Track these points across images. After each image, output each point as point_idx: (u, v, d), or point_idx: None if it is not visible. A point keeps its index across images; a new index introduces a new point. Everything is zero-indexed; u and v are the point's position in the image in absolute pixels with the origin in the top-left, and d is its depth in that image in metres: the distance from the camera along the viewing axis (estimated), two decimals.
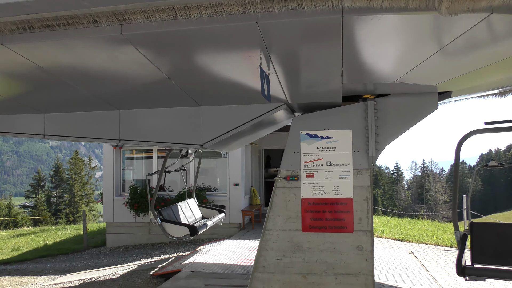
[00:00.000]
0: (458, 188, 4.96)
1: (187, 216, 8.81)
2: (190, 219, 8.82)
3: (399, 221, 15.65)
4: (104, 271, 9.43)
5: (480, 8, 2.65)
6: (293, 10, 2.86)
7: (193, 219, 9.01)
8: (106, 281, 8.21)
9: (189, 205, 9.27)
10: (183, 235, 7.73)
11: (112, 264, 10.44)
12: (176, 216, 8.38)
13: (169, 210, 8.28)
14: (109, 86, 4.81)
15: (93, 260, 11.55)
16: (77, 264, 11.24)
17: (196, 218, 9.21)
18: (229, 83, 4.54)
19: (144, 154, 14.01)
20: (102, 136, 5.92)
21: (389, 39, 3.42)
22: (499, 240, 4.66)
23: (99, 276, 8.76)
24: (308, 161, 5.27)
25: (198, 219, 9.33)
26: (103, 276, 8.70)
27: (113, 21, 3.12)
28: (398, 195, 79.19)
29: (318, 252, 5.19)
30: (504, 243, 4.62)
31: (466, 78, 4.48)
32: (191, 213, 9.13)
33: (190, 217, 8.91)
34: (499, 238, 4.67)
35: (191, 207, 9.33)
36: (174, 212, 8.40)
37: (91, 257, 12.29)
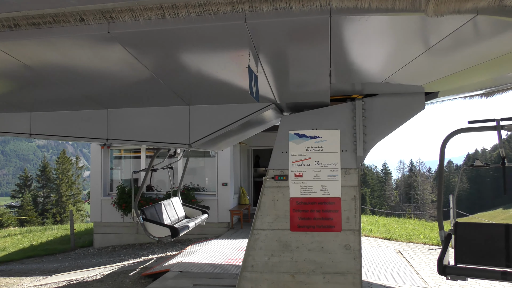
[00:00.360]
0: (443, 188, 5.02)
1: (170, 215, 8.73)
2: (172, 218, 8.73)
3: (387, 220, 15.77)
4: (91, 271, 9.35)
5: (466, 10, 2.67)
6: (282, 10, 2.86)
7: (176, 218, 8.93)
8: (93, 281, 8.14)
9: (173, 204, 9.19)
10: (164, 236, 7.65)
11: (99, 264, 10.35)
12: (159, 214, 8.28)
13: (152, 209, 8.18)
14: (96, 85, 4.77)
15: (80, 261, 11.44)
16: (64, 264, 11.13)
17: (179, 217, 9.13)
18: (217, 83, 4.54)
19: (132, 154, 13.92)
20: (89, 136, 5.87)
21: (377, 39, 3.44)
22: (482, 240, 4.69)
23: (86, 276, 8.68)
24: (297, 160, 5.29)
25: (181, 218, 9.25)
26: (91, 276, 8.63)
27: (100, 19, 3.09)
28: (386, 195, 79.78)
29: (306, 252, 5.21)
30: (487, 243, 4.65)
31: (452, 79, 4.53)
32: (174, 212, 9.04)
33: (173, 216, 8.82)
34: (482, 238, 4.70)
35: (175, 205, 9.25)
36: (157, 211, 8.31)
37: (78, 257, 12.18)
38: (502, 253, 4.56)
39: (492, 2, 2.63)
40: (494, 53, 3.69)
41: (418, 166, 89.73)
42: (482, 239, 4.70)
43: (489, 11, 2.73)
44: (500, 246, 4.57)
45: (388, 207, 69.58)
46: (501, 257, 4.55)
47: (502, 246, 4.57)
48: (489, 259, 4.60)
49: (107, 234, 13.20)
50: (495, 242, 4.62)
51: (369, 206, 59.58)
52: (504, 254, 4.56)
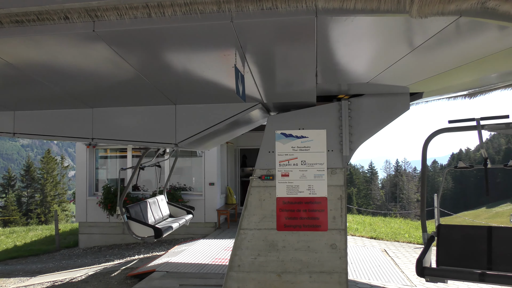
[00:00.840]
0: (426, 189, 5.05)
1: (155, 213, 8.65)
2: (157, 216, 8.66)
3: (373, 219, 15.90)
4: (76, 272, 9.25)
5: (449, 11, 2.72)
6: (268, 10, 2.87)
7: (160, 216, 8.85)
8: (78, 282, 8.06)
9: (158, 202, 9.11)
10: (147, 236, 7.57)
11: (84, 265, 10.25)
12: (144, 213, 8.19)
13: (137, 207, 8.10)
14: (81, 84, 4.71)
15: (65, 261, 11.31)
16: (48, 265, 10.99)
17: (163, 216, 9.06)
18: (204, 82, 4.53)
19: (119, 153, 13.81)
20: (74, 135, 5.80)
21: (362, 40, 3.47)
22: (465, 242, 4.71)
23: (71, 277, 8.59)
24: (283, 160, 5.30)
25: (166, 217, 9.17)
26: (76, 277, 8.54)
27: (85, 17, 3.06)
28: (372, 194, 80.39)
29: (293, 251, 5.23)
30: (469, 246, 4.67)
31: (436, 80, 4.59)
32: (159, 210, 8.96)
33: (157, 214, 8.74)
34: (465, 240, 4.71)
35: (160, 204, 9.18)
36: (142, 209, 8.22)
37: (63, 258, 12.04)
38: (483, 255, 4.56)
39: (474, 4, 2.68)
40: (477, 54, 3.75)
41: (404, 165, 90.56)
42: (464, 241, 4.71)
43: (472, 13, 2.78)
44: (482, 249, 4.58)
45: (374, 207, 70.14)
46: (482, 260, 4.55)
47: (484, 248, 4.58)
48: (471, 261, 4.60)
49: (93, 235, 13.07)
50: (477, 245, 4.62)
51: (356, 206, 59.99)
52: (485, 257, 4.56)
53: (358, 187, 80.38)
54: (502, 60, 4.01)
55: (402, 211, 49.33)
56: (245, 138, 13.98)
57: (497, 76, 4.92)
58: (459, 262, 4.66)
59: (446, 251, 4.77)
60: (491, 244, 4.55)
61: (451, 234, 4.81)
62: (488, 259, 4.54)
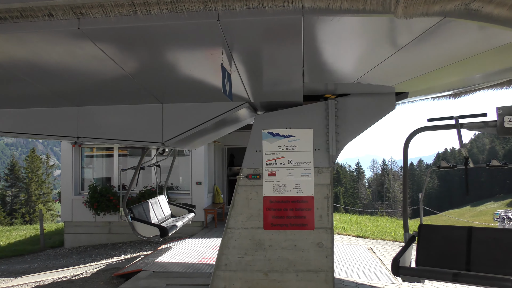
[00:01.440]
0: (407, 188, 5.08)
1: (157, 214, 8.70)
2: (159, 217, 8.71)
3: (360, 218, 16.02)
4: (61, 272, 9.15)
5: (434, 12, 2.75)
6: (254, 9, 2.87)
7: (163, 216, 8.90)
8: (63, 282, 7.97)
9: (160, 202, 9.16)
10: (153, 236, 7.58)
11: (70, 265, 10.13)
12: (147, 213, 8.25)
13: (140, 208, 8.13)
14: (66, 82, 4.66)
15: (50, 261, 11.18)
16: (33, 265, 10.84)
17: (165, 215, 9.11)
18: (190, 81, 4.51)
19: (105, 152, 13.68)
20: (59, 134, 5.74)
21: (349, 40, 3.50)
22: (445, 243, 4.74)
23: (56, 277, 8.49)
24: (270, 159, 5.31)
25: (167, 217, 9.24)
26: (60, 277, 8.45)
27: (70, 15, 3.03)
28: (359, 193, 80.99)
29: (280, 250, 5.24)
30: (449, 246, 4.69)
31: (421, 80, 4.64)
32: (161, 210, 9.03)
33: (160, 215, 8.80)
34: (445, 241, 4.74)
35: (161, 204, 9.23)
36: (145, 210, 8.27)
37: (48, 258, 11.89)
38: (462, 256, 4.60)
39: (458, 5, 2.72)
40: (461, 55, 3.80)
41: (390, 165, 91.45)
42: (444, 242, 4.74)
43: (456, 14, 2.82)
44: (461, 249, 4.63)
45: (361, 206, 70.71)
46: (461, 260, 4.59)
47: (463, 249, 4.62)
48: (450, 262, 4.63)
49: (78, 234, 12.93)
50: (457, 245, 4.66)
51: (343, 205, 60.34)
52: (464, 257, 4.59)
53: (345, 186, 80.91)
54: (486, 61, 4.07)
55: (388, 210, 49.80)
56: (233, 137, 13.94)
57: (481, 77, 4.99)
58: (438, 263, 4.67)
59: (426, 251, 4.78)
60: (470, 245, 4.60)
61: (431, 234, 4.83)
62: (467, 259, 4.57)
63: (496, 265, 4.37)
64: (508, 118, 4.36)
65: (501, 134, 4.47)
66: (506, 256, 4.35)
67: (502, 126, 4.43)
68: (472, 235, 4.62)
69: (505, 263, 4.33)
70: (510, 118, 4.35)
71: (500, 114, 4.46)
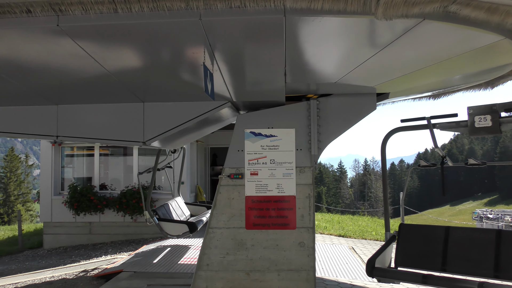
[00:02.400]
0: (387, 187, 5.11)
1: (179, 214, 8.85)
2: (182, 217, 8.83)
3: (341, 217, 16.16)
4: (40, 273, 8.99)
5: (413, 14, 2.79)
6: (236, 8, 2.86)
7: (184, 217, 9.00)
8: (42, 284, 7.84)
9: (178, 204, 9.27)
10: (182, 233, 7.83)
11: (49, 266, 9.97)
12: (169, 214, 8.42)
13: (163, 209, 8.35)
14: (45, 80, 4.58)
15: (29, 263, 10.98)
16: (10, 267, 10.63)
17: (186, 216, 9.23)
18: (172, 80, 4.48)
19: (86, 152, 13.48)
20: (38, 132, 5.63)
21: (330, 40, 3.52)
22: (423, 242, 4.70)
23: (35, 279, 8.35)
24: (252, 159, 5.31)
25: (188, 217, 9.37)
26: (39, 279, 8.30)
27: (48, 11, 2.97)
28: (341, 193, 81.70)
29: (262, 249, 5.25)
30: (427, 246, 4.65)
31: (402, 81, 4.70)
32: (181, 211, 9.21)
33: (181, 215, 8.98)
34: (423, 240, 4.71)
35: (180, 205, 9.35)
36: (167, 211, 8.45)
37: (26, 259, 11.67)
38: (439, 256, 4.56)
39: (437, 8, 2.76)
40: (441, 56, 3.87)
41: (372, 164, 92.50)
42: (423, 241, 4.71)
43: (435, 16, 2.87)
44: (438, 249, 4.60)
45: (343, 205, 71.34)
46: (438, 261, 4.55)
47: (440, 249, 4.59)
48: (427, 262, 4.61)
49: (58, 235, 12.72)
50: (434, 245, 4.63)
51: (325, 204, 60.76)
52: (441, 258, 4.56)
53: (328, 186, 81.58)
54: (465, 62, 4.15)
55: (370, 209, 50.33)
56: (216, 136, 13.90)
57: (460, 78, 5.08)
58: (415, 263, 4.65)
59: (404, 251, 4.76)
60: (447, 245, 4.57)
61: (411, 233, 4.81)
62: (443, 260, 4.54)
63: (471, 265, 4.35)
64: (478, 118, 4.35)
65: (472, 134, 4.44)
66: (480, 256, 4.33)
67: (472, 126, 4.41)
68: (449, 235, 4.61)
69: (479, 263, 4.31)
70: (480, 118, 4.34)
71: (471, 114, 4.45)
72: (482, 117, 4.34)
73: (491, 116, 4.31)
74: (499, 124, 4.29)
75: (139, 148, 12.63)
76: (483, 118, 4.33)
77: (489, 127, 4.31)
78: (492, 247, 4.29)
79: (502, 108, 4.34)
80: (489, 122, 4.30)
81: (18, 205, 48.09)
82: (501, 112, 4.33)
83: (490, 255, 4.26)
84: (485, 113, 4.34)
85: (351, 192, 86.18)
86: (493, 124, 4.29)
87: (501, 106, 4.31)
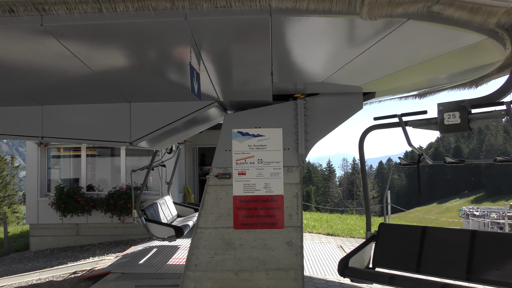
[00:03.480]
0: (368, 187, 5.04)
1: (166, 214, 8.75)
2: (168, 217, 8.79)
3: (330, 216, 16.24)
4: (26, 276, 8.89)
5: (397, 14, 2.82)
6: (222, 8, 2.86)
7: (171, 217, 8.95)
8: (28, 286, 7.75)
9: (167, 203, 9.17)
10: (167, 237, 7.68)
11: (36, 268, 9.86)
12: (157, 214, 8.30)
13: (151, 209, 8.22)
14: (30, 80, 4.52)
15: (15, 265, 10.84)
16: None
17: (173, 215, 9.18)
18: (159, 80, 4.46)
19: (72, 152, 13.35)
20: (22, 133, 5.56)
21: (316, 40, 3.53)
22: (400, 242, 4.57)
23: (21, 282, 8.25)
24: (240, 158, 5.31)
25: (175, 217, 9.36)
26: (26, 281, 8.21)
27: (32, 11, 2.94)
28: (330, 192, 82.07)
29: (250, 249, 5.25)
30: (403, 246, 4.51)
31: (388, 80, 4.74)
32: (169, 211, 9.12)
33: (168, 215, 8.88)
34: (400, 240, 4.58)
35: (168, 204, 9.26)
36: (155, 210, 8.32)
37: (12, 262, 11.53)
38: (415, 257, 4.41)
39: (421, 8, 2.80)
40: (426, 56, 3.91)
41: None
42: (400, 241, 4.57)
43: (419, 16, 2.90)
44: (414, 250, 4.45)
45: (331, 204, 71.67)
46: (413, 262, 4.40)
47: (416, 250, 4.44)
48: (402, 263, 4.46)
49: (45, 237, 12.58)
50: (411, 246, 4.48)
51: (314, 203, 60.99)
52: (416, 258, 4.41)
53: (317, 185, 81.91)
54: (450, 62, 4.19)
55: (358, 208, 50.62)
56: (204, 136, 13.85)
57: (445, 77, 5.14)
58: (391, 263, 4.54)
59: (382, 251, 4.65)
60: (423, 246, 4.41)
61: (389, 233, 4.70)
62: (418, 261, 4.38)
63: (444, 266, 4.22)
64: (448, 115, 4.12)
65: (442, 131, 4.20)
66: (454, 257, 4.18)
67: (442, 124, 4.17)
68: (426, 236, 4.46)
69: (452, 264, 4.16)
70: (449, 115, 4.11)
71: (441, 110, 4.23)
72: (451, 114, 4.10)
73: (460, 113, 4.05)
74: (467, 121, 4.02)
75: (127, 148, 12.54)
76: (452, 115, 4.10)
77: (457, 124, 4.06)
78: (466, 248, 4.12)
79: (469, 104, 4.12)
80: (458, 119, 4.06)
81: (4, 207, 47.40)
82: (470, 109, 4.09)
83: (463, 257, 4.10)
84: (454, 110, 4.09)
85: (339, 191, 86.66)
86: (462, 121, 4.02)
87: (469, 102, 4.09)
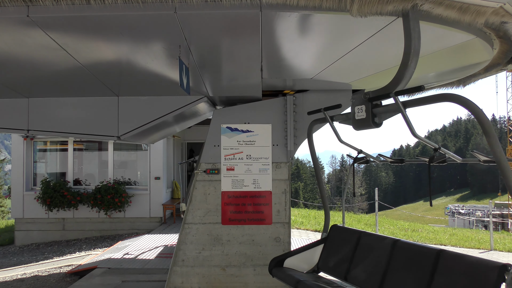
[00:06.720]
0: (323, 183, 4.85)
1: None
2: None
3: (318, 213, 16.29)
4: (11, 271, 8.79)
5: (387, 12, 2.83)
6: (212, 2, 2.84)
7: None
8: (13, 281, 7.66)
9: None
10: None
11: (21, 263, 9.75)
12: None
13: None
14: (15, 72, 4.45)
15: (0, 260, 10.72)
16: None
17: None
18: (147, 74, 4.42)
19: (59, 146, 13.20)
20: (7, 126, 5.47)
21: (306, 36, 3.53)
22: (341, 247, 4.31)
23: (6, 276, 8.15)
24: (229, 154, 5.30)
25: None
26: (10, 276, 8.11)
27: (18, 1, 2.89)
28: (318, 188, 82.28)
29: (237, 245, 5.25)
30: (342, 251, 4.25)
31: (376, 77, 4.75)
32: None
33: None
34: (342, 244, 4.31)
35: None
36: None
37: None
38: (347, 263, 4.09)
39: (411, 6, 2.80)
40: None
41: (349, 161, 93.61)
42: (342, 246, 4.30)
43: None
44: (348, 256, 4.13)
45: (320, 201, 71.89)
46: (344, 268, 4.10)
47: (349, 256, 4.11)
48: (336, 268, 4.19)
49: (30, 231, 12.44)
50: (347, 251, 4.18)
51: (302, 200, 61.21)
52: (347, 265, 4.07)
53: (305, 182, 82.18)
54: (438, 60, 4.22)
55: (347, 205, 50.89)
56: (193, 132, 13.82)
57: (434, 76, 5.17)
58: (330, 268, 4.31)
59: (326, 255, 4.46)
60: (355, 252, 4.09)
61: (337, 236, 4.47)
62: (348, 267, 4.06)
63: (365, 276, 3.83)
64: (357, 109, 3.41)
65: (355, 127, 3.49)
66: (372, 267, 3.80)
67: (354, 119, 3.47)
68: (359, 242, 4.13)
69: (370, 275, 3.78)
70: (358, 109, 3.40)
71: (353, 103, 3.48)
72: (359, 108, 3.38)
73: (365, 107, 3.32)
74: (373, 116, 3.30)
75: (115, 142, 12.43)
76: (360, 108, 3.38)
77: (364, 119, 3.35)
78: (385, 258, 3.70)
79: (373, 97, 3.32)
80: (364, 113, 3.34)
81: None
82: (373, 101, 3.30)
83: (381, 267, 3.69)
84: (361, 103, 3.36)
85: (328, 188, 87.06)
86: (367, 115, 3.31)
87: (374, 94, 3.29)
